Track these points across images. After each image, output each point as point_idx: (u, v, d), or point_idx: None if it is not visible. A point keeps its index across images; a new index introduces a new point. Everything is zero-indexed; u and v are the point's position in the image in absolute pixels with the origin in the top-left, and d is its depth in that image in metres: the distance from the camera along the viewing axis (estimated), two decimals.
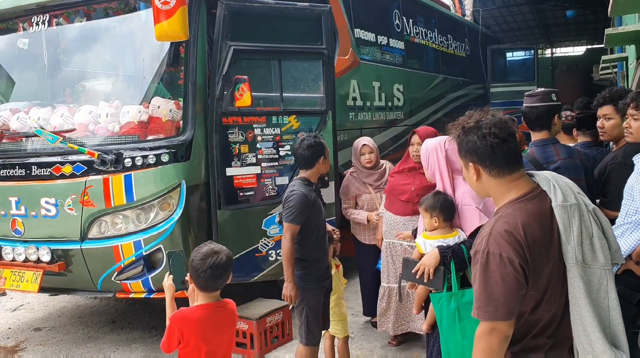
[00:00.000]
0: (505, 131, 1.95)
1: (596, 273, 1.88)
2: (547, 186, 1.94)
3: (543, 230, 1.88)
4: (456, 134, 2.05)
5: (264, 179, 4.94)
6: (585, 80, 18.14)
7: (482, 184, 2.02)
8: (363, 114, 6.88)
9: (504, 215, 1.91)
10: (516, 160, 1.97)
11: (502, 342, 1.87)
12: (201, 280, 2.64)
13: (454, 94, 10.20)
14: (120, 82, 5.26)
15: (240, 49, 4.78)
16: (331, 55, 5.50)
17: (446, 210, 3.10)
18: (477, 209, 3.01)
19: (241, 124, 4.83)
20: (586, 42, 22.67)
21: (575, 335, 1.89)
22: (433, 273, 2.93)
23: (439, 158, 3.20)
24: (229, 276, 2.71)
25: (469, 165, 2.02)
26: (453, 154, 3.10)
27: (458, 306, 2.89)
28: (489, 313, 1.85)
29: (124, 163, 4.46)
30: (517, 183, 1.96)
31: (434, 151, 3.23)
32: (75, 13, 5.05)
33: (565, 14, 16.35)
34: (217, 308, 2.73)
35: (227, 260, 2.67)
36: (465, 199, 3.08)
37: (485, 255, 1.86)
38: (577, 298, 1.87)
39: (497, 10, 13.08)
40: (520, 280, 1.83)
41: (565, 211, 1.88)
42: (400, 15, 8.25)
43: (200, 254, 2.64)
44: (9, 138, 5.07)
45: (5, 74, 5.62)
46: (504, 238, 1.84)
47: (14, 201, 4.81)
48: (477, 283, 1.89)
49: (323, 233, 3.80)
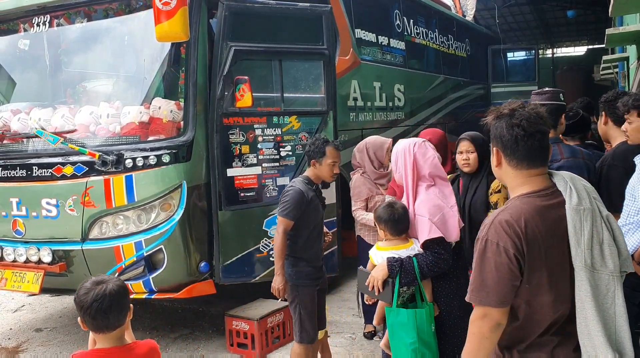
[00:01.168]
0: (535, 126, 1.96)
1: (604, 278, 1.89)
2: (564, 187, 1.95)
3: (547, 228, 1.89)
4: (491, 117, 2.06)
5: (265, 180, 4.94)
6: (586, 80, 18.17)
7: (501, 172, 2.05)
8: (364, 115, 6.88)
9: (510, 207, 1.95)
10: (538, 157, 1.98)
11: (493, 328, 1.91)
12: (89, 319, 2.13)
13: (454, 94, 10.20)
14: (121, 82, 5.26)
15: (241, 49, 4.78)
16: (332, 55, 5.50)
17: (393, 224, 2.97)
18: (430, 221, 2.88)
19: (242, 125, 4.83)
20: (587, 42, 22.70)
21: (580, 338, 1.90)
22: (382, 286, 2.87)
23: (406, 161, 3.07)
24: (123, 309, 2.17)
25: (493, 150, 2.05)
26: (421, 158, 3.04)
27: (392, 323, 2.87)
28: (480, 298, 1.91)
29: (125, 163, 4.47)
30: (533, 179, 1.98)
31: (402, 154, 3.11)
32: (76, 14, 5.05)
33: (566, 14, 16.38)
34: (119, 354, 2.18)
35: (117, 288, 2.14)
36: (420, 209, 2.96)
37: (484, 242, 1.92)
38: (583, 302, 1.88)
39: (498, 11, 13.08)
40: (513, 270, 1.86)
41: (578, 214, 1.89)
42: (401, 16, 8.25)
43: (84, 288, 2.14)
44: (10, 139, 5.07)
45: (7, 74, 5.62)
46: (504, 228, 1.88)
47: (15, 202, 4.81)
48: (474, 268, 1.95)
49: (318, 233, 3.83)
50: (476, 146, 3.76)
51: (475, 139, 3.80)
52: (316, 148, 3.79)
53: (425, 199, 2.96)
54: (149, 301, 5.77)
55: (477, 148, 3.76)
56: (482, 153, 3.72)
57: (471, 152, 3.77)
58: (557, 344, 1.93)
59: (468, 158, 3.78)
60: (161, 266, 4.53)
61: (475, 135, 3.86)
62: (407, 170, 3.06)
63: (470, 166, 3.78)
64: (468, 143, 3.80)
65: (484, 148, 3.61)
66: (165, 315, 5.80)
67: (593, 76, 16.21)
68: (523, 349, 1.96)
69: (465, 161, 3.80)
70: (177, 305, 5.98)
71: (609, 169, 3.23)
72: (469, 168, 3.80)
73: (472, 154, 3.77)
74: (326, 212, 4.05)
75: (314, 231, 3.80)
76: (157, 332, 5.26)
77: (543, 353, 1.93)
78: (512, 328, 1.94)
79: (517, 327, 1.94)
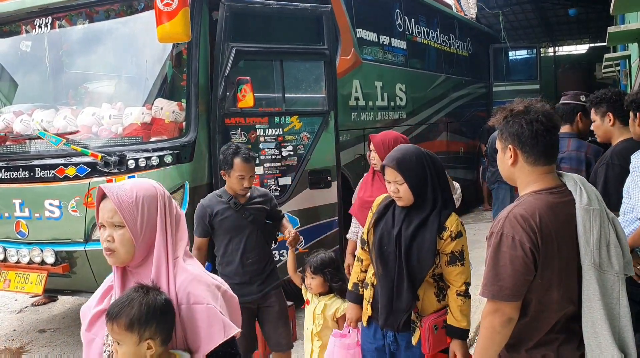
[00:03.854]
0: (551, 121, 1.99)
1: (610, 279, 1.91)
2: (574, 187, 1.97)
3: (560, 224, 1.91)
4: (502, 116, 2.06)
5: (267, 180, 4.95)
6: (587, 78, 18.11)
7: (514, 170, 2.05)
8: (365, 114, 6.88)
9: (523, 202, 1.96)
10: (553, 153, 2.01)
11: (504, 323, 1.91)
12: None
13: (456, 93, 10.19)
14: (123, 84, 5.27)
15: (242, 50, 4.79)
16: (333, 55, 5.51)
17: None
18: None
19: (244, 125, 4.83)
20: (589, 40, 22.62)
21: (586, 337, 1.91)
22: None
23: None
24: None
25: (507, 148, 2.04)
26: None
27: None
28: (493, 292, 1.91)
29: (127, 164, 4.47)
30: (545, 176, 2.00)
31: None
32: (78, 15, 5.06)
33: (567, 12, 16.32)
34: None
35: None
36: None
37: (499, 236, 1.92)
38: (591, 301, 1.89)
39: (500, 12, 13.04)
40: (528, 264, 1.88)
41: (588, 214, 1.91)
42: (402, 15, 8.25)
43: None
44: (13, 140, 5.08)
45: (9, 76, 5.63)
46: (519, 222, 1.89)
47: (18, 203, 4.82)
48: (488, 263, 1.95)
49: (238, 248, 3.59)
50: (405, 177, 2.61)
51: (401, 165, 2.63)
52: (225, 157, 3.60)
53: None
54: None
55: (407, 179, 2.61)
56: (414, 183, 2.61)
57: (400, 183, 2.63)
58: (562, 342, 1.95)
59: (398, 191, 2.64)
60: None
61: (401, 158, 2.66)
62: None
63: (404, 201, 2.65)
64: (392, 171, 2.64)
65: (415, 175, 2.61)
66: None
67: (595, 75, 16.18)
68: (530, 347, 1.97)
69: (396, 194, 2.66)
70: None
71: (607, 168, 3.24)
72: (403, 203, 2.66)
73: (402, 186, 2.63)
74: (327, 212, 3.99)
75: (230, 245, 3.61)
76: None
77: (550, 351, 1.95)
78: (520, 325, 1.95)
79: (525, 324, 1.96)
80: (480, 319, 2.09)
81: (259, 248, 3.66)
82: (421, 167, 2.64)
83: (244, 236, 3.60)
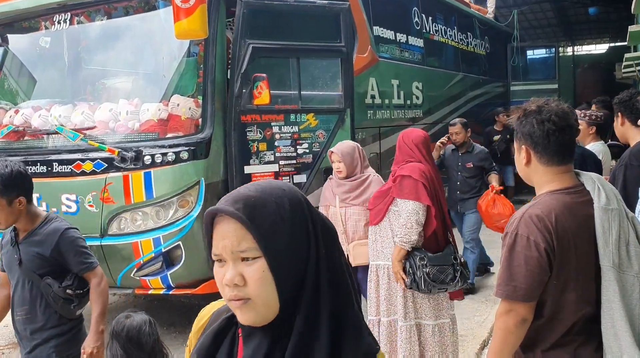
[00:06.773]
0: (565, 121, 1.96)
1: (629, 279, 1.88)
2: (592, 187, 1.94)
3: (577, 224, 1.89)
4: (517, 116, 2.05)
5: (282, 177, 4.94)
6: (607, 79, 17.90)
7: (529, 170, 2.04)
8: (381, 113, 6.85)
9: (539, 202, 1.94)
10: (567, 152, 1.98)
11: (518, 323, 1.90)
12: None
13: (473, 92, 10.11)
14: (140, 80, 5.30)
15: (259, 46, 4.79)
16: (350, 53, 5.49)
17: None
18: None
19: (259, 122, 4.84)
20: (609, 39, 22.39)
21: (605, 338, 1.88)
22: None
23: None
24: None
25: (521, 148, 2.03)
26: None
27: None
28: (507, 293, 1.90)
29: (144, 160, 4.49)
30: (561, 176, 1.98)
31: None
32: (96, 12, 5.10)
33: (587, 11, 16.16)
34: None
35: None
36: None
37: (514, 236, 1.91)
38: (611, 302, 1.86)
39: (518, 11, 12.93)
40: (543, 265, 1.86)
41: (607, 214, 1.88)
42: (420, 13, 8.20)
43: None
44: (31, 135, 5.13)
45: (28, 72, 5.69)
46: (534, 222, 1.88)
47: (36, 198, 4.84)
48: (502, 263, 1.94)
49: (18, 295, 2.84)
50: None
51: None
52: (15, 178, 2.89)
53: None
54: (167, 298, 5.81)
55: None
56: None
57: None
58: (580, 344, 1.92)
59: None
60: (179, 262, 4.55)
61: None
62: None
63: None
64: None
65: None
66: (183, 311, 5.82)
67: (614, 74, 15.98)
68: (547, 348, 1.94)
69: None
70: (195, 301, 6.00)
71: (626, 169, 3.21)
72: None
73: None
74: None
75: (16, 288, 2.84)
76: (174, 328, 5.29)
77: (566, 353, 1.92)
78: (536, 326, 1.93)
79: (541, 325, 1.93)
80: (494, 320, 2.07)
81: (31, 305, 2.81)
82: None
83: (19, 279, 2.83)
